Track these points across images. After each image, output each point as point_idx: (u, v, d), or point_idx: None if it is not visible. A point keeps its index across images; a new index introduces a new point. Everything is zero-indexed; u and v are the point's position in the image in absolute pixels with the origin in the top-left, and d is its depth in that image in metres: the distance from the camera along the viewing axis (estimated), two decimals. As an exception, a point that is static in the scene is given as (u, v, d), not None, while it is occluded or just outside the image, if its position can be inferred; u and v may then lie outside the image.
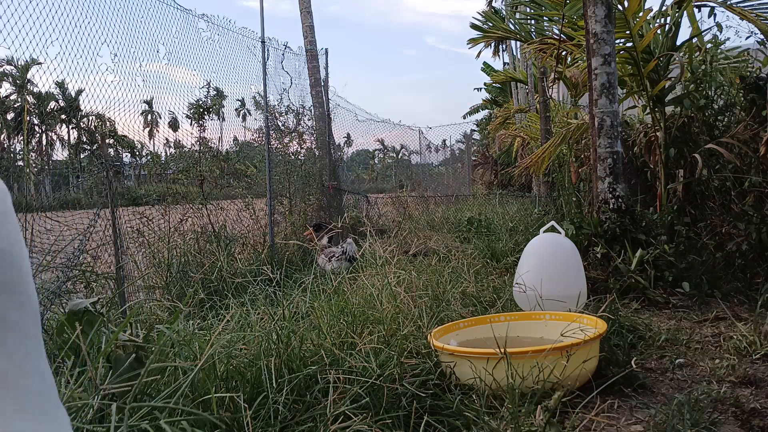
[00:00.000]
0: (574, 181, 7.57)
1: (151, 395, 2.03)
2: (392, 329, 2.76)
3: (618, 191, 4.85)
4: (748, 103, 5.15)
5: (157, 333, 2.43)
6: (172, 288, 4.52)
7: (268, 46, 7.17)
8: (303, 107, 8.74)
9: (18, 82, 19.34)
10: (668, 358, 3.17)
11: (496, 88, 25.61)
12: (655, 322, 3.83)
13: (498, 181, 20.13)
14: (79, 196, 5.35)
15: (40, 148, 34.91)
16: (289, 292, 3.25)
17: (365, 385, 2.23)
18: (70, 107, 21.51)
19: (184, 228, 5.57)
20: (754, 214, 4.61)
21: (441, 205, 13.24)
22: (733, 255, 4.65)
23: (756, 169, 4.83)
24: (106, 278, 4.21)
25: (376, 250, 3.90)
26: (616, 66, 5.01)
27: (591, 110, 5.10)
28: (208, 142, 6.71)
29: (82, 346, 1.84)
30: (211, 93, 6.73)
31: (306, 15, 9.20)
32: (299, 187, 8.21)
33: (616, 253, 4.50)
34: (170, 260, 4.98)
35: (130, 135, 7.00)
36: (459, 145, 22.56)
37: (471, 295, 3.83)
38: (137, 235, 5.10)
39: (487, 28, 7.34)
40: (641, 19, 5.55)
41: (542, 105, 10.87)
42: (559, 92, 13.96)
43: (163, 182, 7.09)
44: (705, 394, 2.59)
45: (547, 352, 2.48)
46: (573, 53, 6.52)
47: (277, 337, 2.40)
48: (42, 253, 3.89)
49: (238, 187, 7.79)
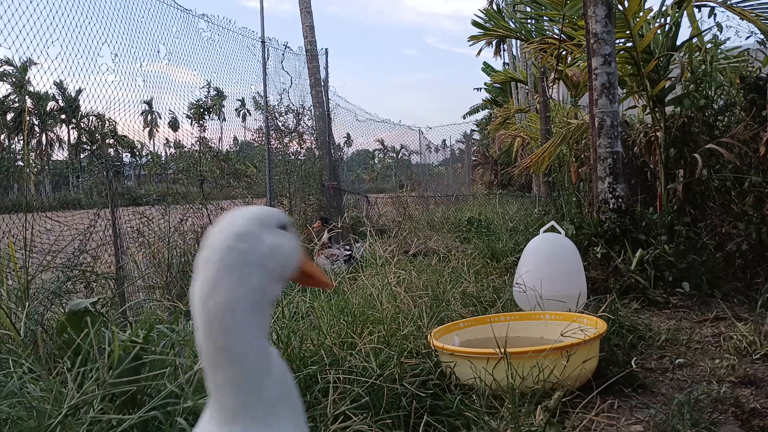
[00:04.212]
0: (574, 181, 7.57)
1: (151, 395, 2.03)
2: (392, 329, 2.76)
3: (618, 191, 4.85)
4: (748, 103, 5.15)
5: (157, 333, 2.43)
6: (172, 288, 4.52)
7: (268, 46, 7.17)
8: (303, 107, 8.74)
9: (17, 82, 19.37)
10: (668, 358, 3.17)
11: (496, 88, 25.59)
12: (655, 322, 3.83)
13: (498, 181, 20.12)
14: (79, 196, 5.35)
15: (40, 148, 34.90)
16: (289, 291, 3.24)
17: (365, 385, 2.23)
18: (69, 107, 21.52)
19: (185, 228, 5.57)
20: (754, 214, 4.61)
21: (441, 205, 13.24)
22: (733, 255, 4.65)
23: (756, 169, 4.83)
24: (106, 278, 4.21)
25: (376, 250, 3.90)
26: (616, 66, 5.01)
27: (591, 110, 5.10)
28: (208, 142, 6.71)
29: (87, 348, 1.84)
30: (211, 93, 6.73)
31: (306, 15, 9.20)
32: (299, 187, 8.21)
33: (616, 253, 4.50)
34: (170, 260, 4.98)
35: (130, 135, 7.00)
36: (459, 145, 22.59)
37: (471, 295, 3.83)
38: (137, 235, 5.10)
39: (488, 26, 7.33)
40: (641, 19, 5.54)
41: (542, 105, 10.86)
42: (559, 92, 13.96)
43: (163, 182, 7.09)
44: (705, 394, 2.59)
45: (547, 352, 2.48)
46: (573, 53, 6.51)
47: (277, 337, 2.40)
48: (42, 253, 3.89)
49: (238, 187, 7.79)
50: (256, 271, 0.76)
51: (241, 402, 0.74)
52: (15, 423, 1.84)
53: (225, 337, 0.73)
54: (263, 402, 0.75)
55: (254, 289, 0.75)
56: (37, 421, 1.77)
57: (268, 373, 0.76)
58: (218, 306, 0.73)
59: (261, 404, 0.75)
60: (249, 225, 0.79)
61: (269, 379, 0.76)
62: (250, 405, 0.74)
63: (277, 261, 0.79)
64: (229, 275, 0.74)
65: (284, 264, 0.80)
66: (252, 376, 0.74)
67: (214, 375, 0.74)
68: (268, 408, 0.75)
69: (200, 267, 0.76)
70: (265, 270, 0.77)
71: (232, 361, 0.73)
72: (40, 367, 2.17)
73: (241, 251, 0.75)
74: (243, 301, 0.74)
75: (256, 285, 0.75)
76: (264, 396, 0.75)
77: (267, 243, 0.78)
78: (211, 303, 0.73)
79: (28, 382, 2.06)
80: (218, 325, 0.73)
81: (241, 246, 0.76)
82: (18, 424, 1.84)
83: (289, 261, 0.81)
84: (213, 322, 0.73)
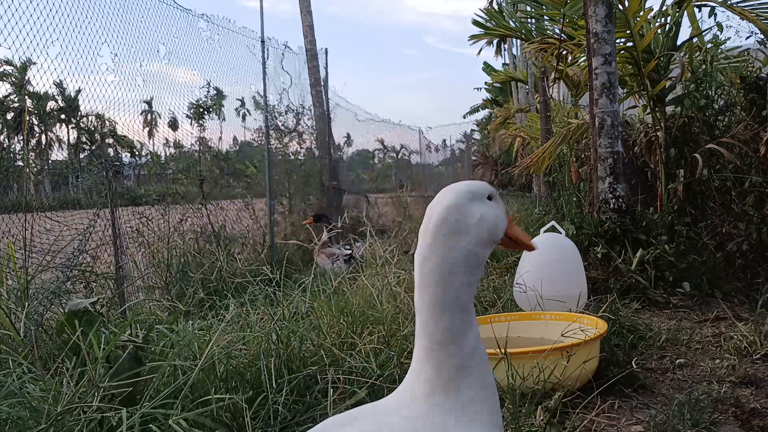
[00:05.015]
0: (574, 181, 7.56)
1: (150, 396, 2.03)
2: (392, 329, 2.76)
3: (618, 191, 4.85)
4: (749, 103, 5.15)
5: (156, 333, 2.43)
6: (172, 288, 4.51)
7: (268, 45, 7.17)
8: (303, 107, 8.73)
9: (17, 82, 19.33)
10: (669, 358, 3.17)
11: (496, 88, 25.61)
12: (655, 322, 3.83)
13: (498, 180, 20.14)
14: (79, 196, 5.34)
15: (40, 148, 34.87)
16: (289, 292, 3.24)
17: (365, 385, 2.22)
18: (69, 107, 21.49)
19: (184, 228, 5.56)
20: (754, 214, 4.60)
21: (441, 205, 13.19)
22: (733, 255, 4.64)
23: (756, 169, 4.82)
24: (105, 278, 4.20)
25: (376, 250, 3.89)
26: (616, 65, 5.01)
27: (591, 110, 5.09)
28: (207, 141, 6.70)
29: (82, 347, 1.84)
30: (211, 93, 6.73)
31: (306, 15, 9.19)
32: (299, 187, 8.21)
33: (616, 253, 4.49)
34: (170, 260, 4.98)
35: (130, 135, 6.98)
36: (459, 145, 22.59)
37: (471, 295, 3.82)
38: (137, 235, 5.10)
39: (489, 25, 7.32)
40: (642, 19, 5.54)
41: (542, 105, 10.85)
42: (560, 92, 13.95)
43: (163, 182, 7.08)
44: (705, 394, 2.59)
45: (547, 353, 2.48)
46: (573, 53, 6.51)
47: (277, 338, 2.40)
48: (42, 253, 3.88)
49: (238, 187, 7.79)
50: (465, 237, 0.89)
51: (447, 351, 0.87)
52: (15, 423, 1.84)
53: (439, 292, 0.87)
54: (463, 351, 0.88)
55: (465, 252, 0.88)
56: (37, 420, 1.77)
57: (471, 325, 0.90)
58: (433, 266, 0.88)
59: (461, 353, 0.88)
60: (459, 198, 0.91)
61: (471, 330, 0.89)
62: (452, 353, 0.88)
63: (484, 228, 0.91)
64: (444, 242, 0.88)
65: (491, 230, 0.92)
66: (457, 326, 0.88)
67: (426, 324, 0.88)
68: (466, 358, 0.88)
69: (420, 236, 0.91)
70: (474, 236, 0.90)
71: (444, 310, 0.87)
72: (39, 366, 2.17)
73: (452, 221, 0.89)
74: (454, 263, 0.88)
75: (467, 249, 0.88)
76: (464, 345, 0.88)
77: (475, 213, 0.91)
78: (429, 264, 0.88)
79: (28, 382, 2.06)
80: (434, 281, 0.87)
81: (452, 217, 0.89)
82: (18, 424, 1.83)
83: (495, 228, 0.93)
84: (429, 279, 0.88)
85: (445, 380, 0.87)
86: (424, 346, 0.89)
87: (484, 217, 0.92)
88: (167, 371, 2.15)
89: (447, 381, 0.87)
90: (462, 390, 0.87)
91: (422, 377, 0.89)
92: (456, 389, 0.87)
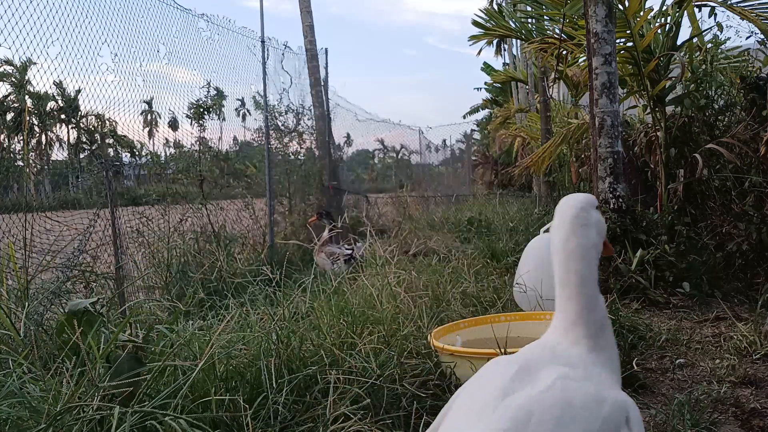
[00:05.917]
0: (574, 181, 7.57)
1: (150, 396, 2.03)
2: (392, 329, 2.75)
3: (618, 191, 4.85)
4: (749, 103, 5.15)
5: (156, 333, 2.43)
6: (172, 288, 4.51)
7: (268, 45, 7.17)
8: (303, 107, 8.73)
9: (16, 82, 19.35)
10: (669, 358, 3.17)
11: (496, 88, 25.60)
12: (655, 322, 3.83)
13: (498, 181, 20.14)
14: (79, 196, 5.34)
15: (39, 148, 34.88)
16: (289, 292, 3.24)
17: (365, 385, 2.22)
18: (69, 107, 21.51)
19: (184, 228, 5.56)
20: (754, 214, 4.60)
21: (441, 205, 13.24)
22: (733, 255, 4.65)
23: (756, 169, 4.83)
24: (105, 278, 4.20)
25: (376, 250, 3.89)
26: (616, 65, 5.01)
27: (591, 110, 5.10)
28: (207, 141, 6.70)
29: (82, 347, 1.84)
30: (211, 93, 6.73)
31: (306, 15, 9.19)
32: (299, 187, 8.21)
33: (616, 253, 4.50)
34: (170, 260, 4.98)
35: (130, 135, 6.98)
36: (459, 145, 22.56)
37: (471, 295, 3.82)
38: (137, 235, 5.09)
39: (489, 25, 7.32)
40: (642, 19, 5.54)
41: (543, 105, 10.86)
42: (560, 92, 13.96)
43: (163, 182, 7.07)
44: (705, 394, 2.59)
45: (547, 353, 2.47)
46: (573, 53, 6.51)
47: (277, 338, 2.40)
48: (42, 253, 3.88)
49: (238, 187, 7.78)
50: (592, 230, 1.17)
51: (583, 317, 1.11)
52: (15, 423, 1.84)
53: (578, 266, 1.13)
54: (602, 312, 1.13)
55: (593, 241, 1.17)
56: (36, 420, 1.77)
57: (599, 297, 1.14)
58: (575, 246, 1.14)
59: (602, 313, 1.13)
60: (585, 203, 1.20)
61: (600, 301, 1.13)
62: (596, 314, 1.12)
63: (601, 227, 1.21)
64: (581, 230, 1.16)
65: (601, 230, 1.21)
66: (590, 294, 1.12)
67: (565, 293, 1.13)
68: (599, 324, 1.12)
69: (556, 228, 1.18)
70: (596, 231, 1.18)
71: (580, 283, 1.12)
72: (39, 366, 2.17)
73: (584, 217, 1.17)
74: (589, 247, 1.15)
75: (594, 239, 1.17)
76: (597, 311, 1.12)
77: (594, 215, 1.20)
78: (570, 245, 1.14)
79: (28, 382, 2.06)
80: (574, 257, 1.13)
81: (583, 214, 1.18)
82: (18, 424, 1.83)
83: (603, 229, 1.22)
84: (570, 256, 1.14)
85: (593, 337, 1.11)
86: (575, 311, 1.12)
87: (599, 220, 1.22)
88: (167, 371, 2.15)
89: (594, 338, 1.11)
90: (600, 344, 1.11)
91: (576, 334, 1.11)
92: (599, 346, 1.11)
